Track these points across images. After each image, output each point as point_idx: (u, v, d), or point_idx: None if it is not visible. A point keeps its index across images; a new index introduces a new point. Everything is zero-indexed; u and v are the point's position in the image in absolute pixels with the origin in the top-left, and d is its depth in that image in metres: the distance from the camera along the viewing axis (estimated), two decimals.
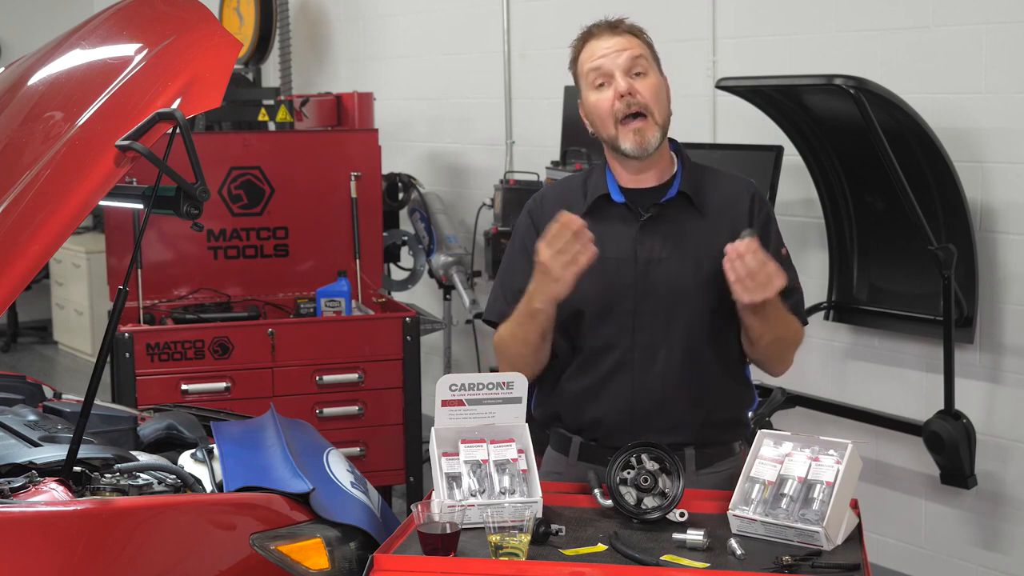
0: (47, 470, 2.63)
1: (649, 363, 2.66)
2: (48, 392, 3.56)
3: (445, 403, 2.51)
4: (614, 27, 2.69)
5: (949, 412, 4.08)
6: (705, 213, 2.71)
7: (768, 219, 2.74)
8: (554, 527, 2.37)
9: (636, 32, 2.70)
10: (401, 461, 5.00)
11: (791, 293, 2.73)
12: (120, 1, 3.09)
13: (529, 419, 2.59)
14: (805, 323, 2.79)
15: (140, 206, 2.86)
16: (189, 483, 2.77)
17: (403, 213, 6.34)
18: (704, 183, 2.74)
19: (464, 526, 2.32)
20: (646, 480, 2.46)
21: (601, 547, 2.33)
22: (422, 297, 6.50)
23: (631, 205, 2.70)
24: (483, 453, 2.49)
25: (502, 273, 2.85)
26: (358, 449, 4.88)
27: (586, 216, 2.72)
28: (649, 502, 2.45)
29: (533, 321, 2.64)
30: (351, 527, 2.75)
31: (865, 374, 4.63)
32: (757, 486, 2.40)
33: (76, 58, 2.94)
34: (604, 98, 2.65)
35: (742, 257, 2.48)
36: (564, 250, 2.51)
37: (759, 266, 2.48)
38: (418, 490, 5.00)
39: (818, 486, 2.35)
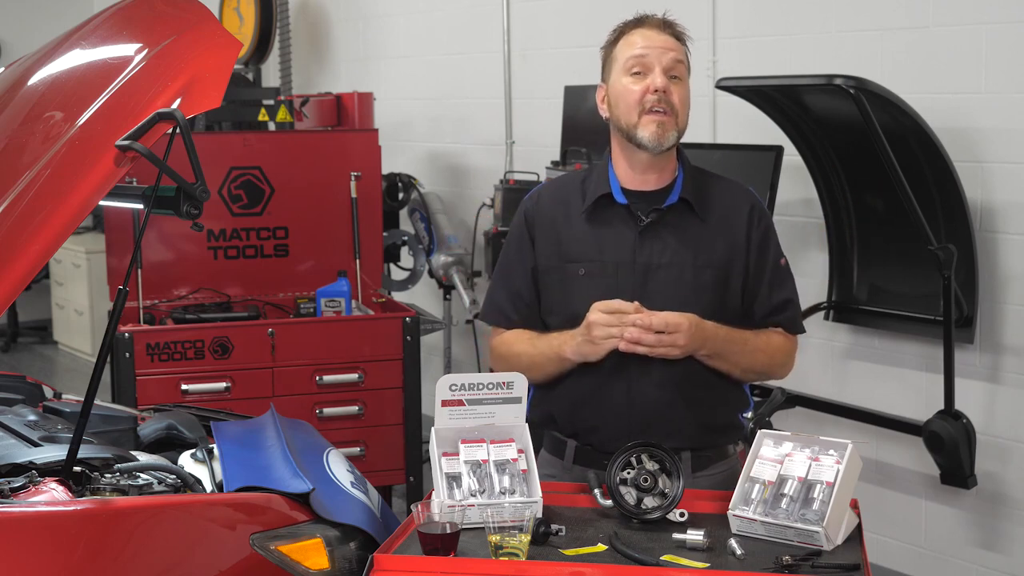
0: (47, 470, 2.63)
1: (646, 368, 2.66)
2: (48, 392, 3.56)
3: (445, 403, 2.51)
4: (668, 25, 2.70)
5: (949, 412, 4.08)
6: (705, 220, 2.70)
7: (767, 230, 2.74)
8: (554, 527, 2.37)
9: (683, 39, 2.71)
10: (401, 461, 5.00)
11: (786, 306, 2.74)
12: (120, 1, 3.09)
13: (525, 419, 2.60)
14: (801, 331, 2.80)
15: (140, 206, 2.86)
16: (189, 483, 2.77)
17: (403, 213, 6.34)
18: (705, 189, 2.74)
19: (464, 526, 2.32)
20: (646, 480, 2.46)
21: (601, 547, 2.33)
22: (422, 297, 6.50)
23: (632, 208, 2.70)
24: (483, 453, 2.49)
25: (499, 273, 2.84)
26: (358, 449, 4.88)
27: (586, 216, 2.72)
28: (649, 502, 2.45)
29: (558, 365, 2.68)
30: (351, 527, 2.74)
31: (865, 374, 4.63)
32: (757, 486, 2.40)
33: (76, 58, 2.94)
34: (635, 87, 2.64)
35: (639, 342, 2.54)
36: (614, 324, 2.54)
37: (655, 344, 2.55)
38: (418, 490, 4.99)
39: (818, 486, 2.35)
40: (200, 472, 2.87)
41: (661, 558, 2.27)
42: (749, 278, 2.70)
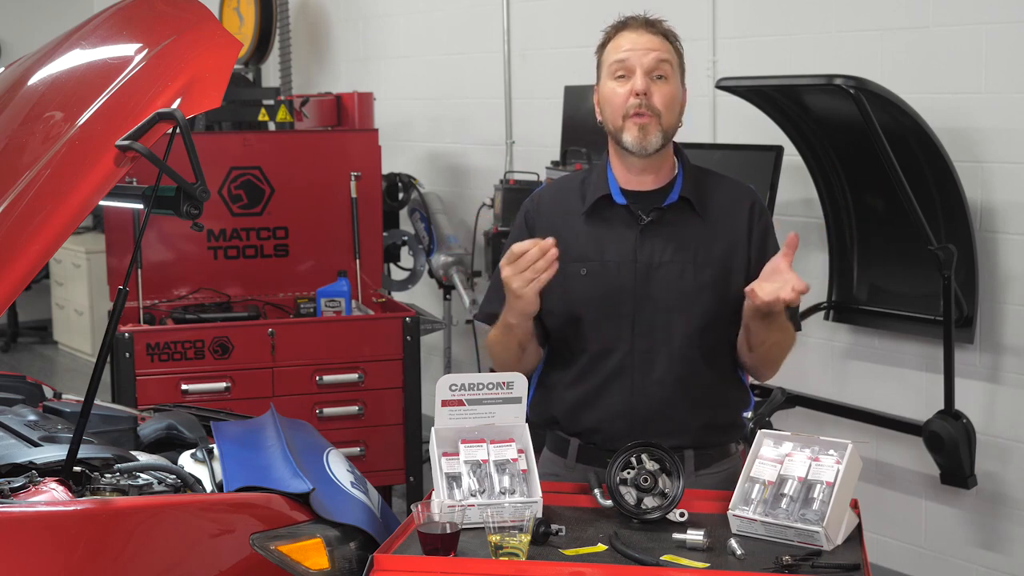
0: (47, 470, 2.63)
1: (648, 367, 2.66)
2: (48, 392, 3.56)
3: (445, 403, 2.51)
4: (650, 24, 2.68)
5: (949, 412, 4.08)
6: (705, 218, 2.70)
7: (767, 228, 2.74)
8: (554, 527, 2.37)
9: (670, 37, 2.69)
10: (401, 461, 5.00)
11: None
12: (120, 1, 3.09)
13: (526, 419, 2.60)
14: (799, 329, 2.80)
15: (140, 206, 2.86)
16: (189, 483, 2.77)
17: (403, 213, 6.34)
18: (705, 188, 2.74)
19: (464, 526, 2.32)
20: (646, 480, 2.46)
21: (601, 547, 2.33)
22: (422, 297, 6.50)
23: (631, 208, 2.70)
24: (483, 453, 2.49)
25: (496, 273, 2.85)
26: (358, 449, 4.88)
27: (586, 217, 2.72)
28: (649, 502, 2.45)
29: (511, 333, 2.68)
30: (351, 527, 2.74)
31: (865, 374, 4.63)
32: (757, 486, 2.40)
33: (76, 58, 2.94)
34: (620, 91, 2.64)
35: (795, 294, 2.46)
36: (525, 267, 2.51)
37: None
38: (418, 490, 5.00)
39: (818, 486, 2.35)
40: (200, 472, 2.87)
41: (661, 558, 2.27)
42: (751, 273, 2.70)
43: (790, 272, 2.49)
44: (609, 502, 2.48)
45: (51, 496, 2.46)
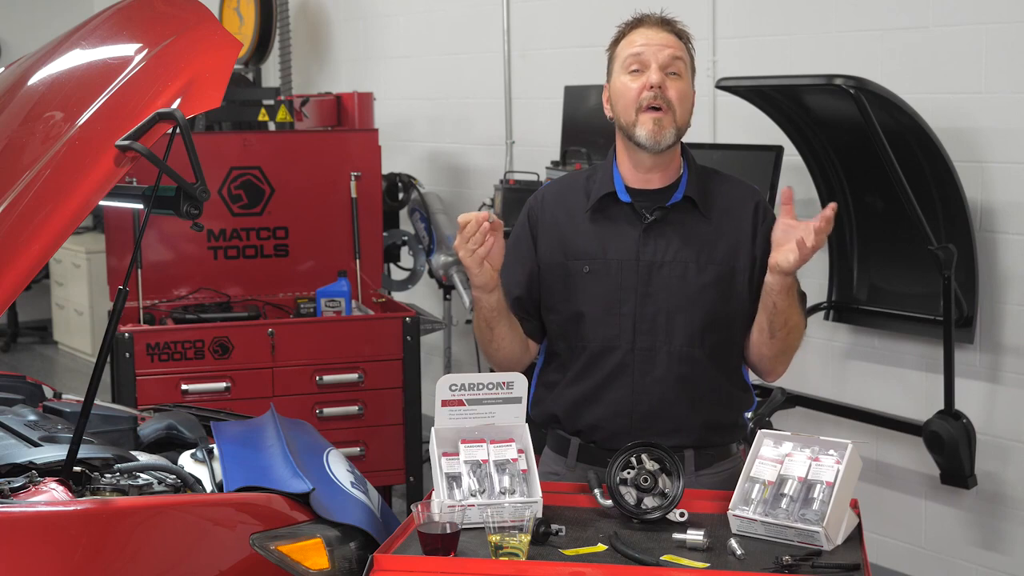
0: (47, 470, 2.63)
1: (649, 366, 2.66)
2: (48, 392, 3.56)
3: (445, 403, 2.51)
4: (666, 23, 2.70)
5: (949, 412, 4.08)
6: (710, 218, 2.70)
7: (772, 227, 2.74)
8: (554, 527, 2.37)
9: (684, 37, 2.70)
10: (401, 461, 5.00)
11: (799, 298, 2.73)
12: (120, 1, 3.09)
13: (527, 418, 2.60)
14: (805, 325, 2.80)
15: (140, 206, 2.86)
16: (189, 483, 2.77)
17: (403, 213, 6.34)
18: (710, 187, 2.74)
19: (464, 526, 2.32)
20: (646, 480, 2.46)
21: (601, 547, 2.33)
22: (422, 297, 6.50)
23: (636, 206, 2.70)
24: (483, 453, 2.50)
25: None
26: (358, 449, 4.88)
27: (590, 215, 2.72)
28: (649, 502, 2.45)
29: (478, 307, 2.69)
30: (351, 527, 2.75)
31: (865, 374, 4.63)
32: (757, 486, 2.40)
33: (76, 58, 2.94)
34: (633, 85, 2.64)
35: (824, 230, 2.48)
36: (467, 238, 2.54)
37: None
38: (418, 490, 5.00)
39: (818, 486, 2.35)
40: (200, 472, 2.87)
41: (661, 558, 2.27)
42: (757, 273, 2.69)
43: (801, 224, 2.51)
44: (609, 502, 2.48)
45: (51, 496, 2.46)
